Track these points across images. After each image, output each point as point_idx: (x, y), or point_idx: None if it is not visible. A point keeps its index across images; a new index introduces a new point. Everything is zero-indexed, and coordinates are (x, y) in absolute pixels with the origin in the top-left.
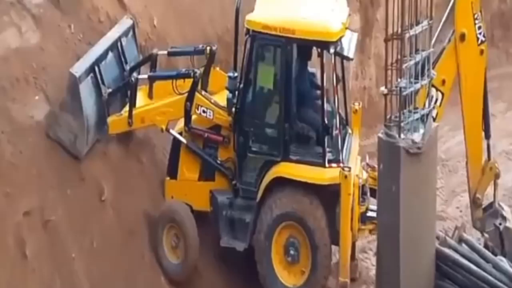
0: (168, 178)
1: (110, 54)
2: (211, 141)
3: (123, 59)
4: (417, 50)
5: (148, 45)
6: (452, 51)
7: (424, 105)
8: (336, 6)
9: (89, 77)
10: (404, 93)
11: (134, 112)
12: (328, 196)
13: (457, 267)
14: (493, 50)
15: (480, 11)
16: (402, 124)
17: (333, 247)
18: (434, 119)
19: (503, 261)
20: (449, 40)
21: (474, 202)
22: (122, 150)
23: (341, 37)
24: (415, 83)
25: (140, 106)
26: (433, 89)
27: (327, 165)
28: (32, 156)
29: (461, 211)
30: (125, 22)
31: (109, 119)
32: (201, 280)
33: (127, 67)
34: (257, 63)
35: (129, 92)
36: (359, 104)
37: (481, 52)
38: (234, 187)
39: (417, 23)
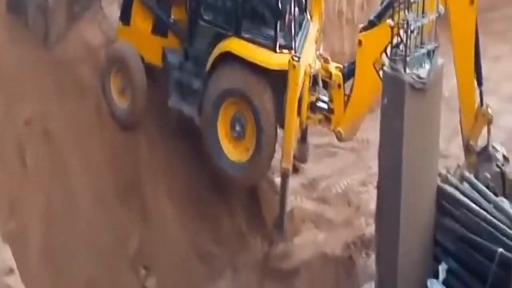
0: (120, 23)
1: None
2: None
3: None
4: None
5: None
6: None
7: (431, 40)
8: None
9: None
10: (412, 27)
11: None
12: (278, 80)
13: (457, 205)
14: None
15: None
16: (407, 59)
17: None
18: None
19: (504, 202)
20: None
21: (468, 149)
22: None
23: None
24: (423, 17)
25: None
26: None
27: (278, 50)
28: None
29: None
30: None
31: None
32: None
33: None
34: None
35: None
36: None
37: (471, 1)
38: (185, 49)
39: None
